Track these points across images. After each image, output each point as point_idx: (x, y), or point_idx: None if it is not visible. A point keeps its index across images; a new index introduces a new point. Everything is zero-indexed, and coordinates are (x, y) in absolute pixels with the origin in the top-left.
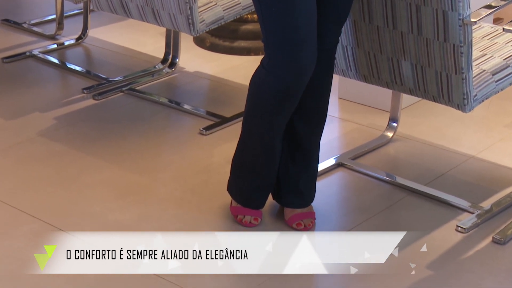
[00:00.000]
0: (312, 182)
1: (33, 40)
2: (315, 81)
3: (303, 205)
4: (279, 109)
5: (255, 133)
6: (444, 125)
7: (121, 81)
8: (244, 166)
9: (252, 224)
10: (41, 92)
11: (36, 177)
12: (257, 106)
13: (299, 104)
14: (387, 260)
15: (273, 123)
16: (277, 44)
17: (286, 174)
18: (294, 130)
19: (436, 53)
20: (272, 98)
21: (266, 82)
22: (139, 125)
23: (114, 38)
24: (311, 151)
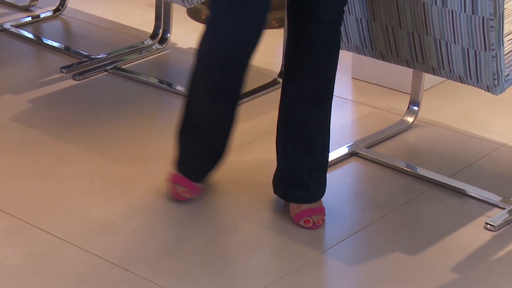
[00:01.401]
0: (320, 174)
1: (4, 12)
2: (314, 58)
3: (310, 200)
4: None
5: (195, 94)
6: (472, 109)
7: (104, 59)
8: (186, 126)
9: (181, 197)
10: (13, 71)
11: (8, 167)
12: (197, 64)
13: (297, 84)
14: (407, 261)
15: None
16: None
17: (287, 163)
18: (293, 114)
19: (462, 27)
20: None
21: (204, 38)
22: (126, 109)
23: (96, 10)
24: (314, 136)
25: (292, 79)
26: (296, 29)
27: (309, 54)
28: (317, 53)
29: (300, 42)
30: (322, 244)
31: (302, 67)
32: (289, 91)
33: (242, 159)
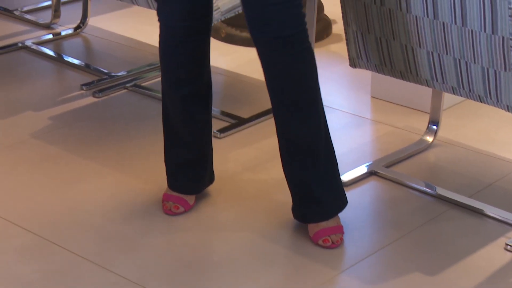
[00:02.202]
0: (331, 185)
1: (26, 29)
2: (281, 72)
3: (325, 216)
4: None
5: (166, 94)
6: (492, 129)
7: (124, 76)
8: (165, 135)
9: (171, 212)
10: (34, 88)
11: (28, 183)
12: (161, 63)
13: (278, 96)
14: (426, 281)
15: (173, 75)
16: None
17: (295, 180)
18: (285, 127)
19: (482, 47)
20: (166, 44)
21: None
22: (145, 126)
23: (117, 28)
24: (313, 145)
25: (272, 92)
26: (257, 46)
27: (274, 69)
28: (282, 67)
29: (262, 58)
30: (341, 263)
31: (275, 80)
32: (274, 105)
33: (259, 177)
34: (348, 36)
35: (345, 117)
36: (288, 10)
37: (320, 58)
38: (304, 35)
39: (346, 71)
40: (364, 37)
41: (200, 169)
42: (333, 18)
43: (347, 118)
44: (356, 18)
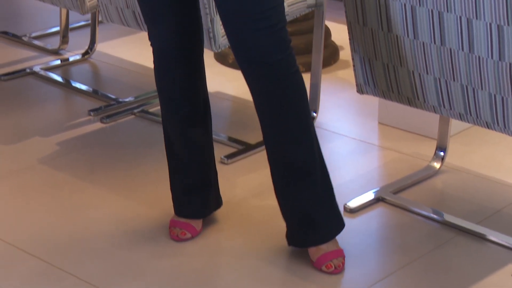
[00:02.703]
0: (329, 207)
1: (34, 55)
2: (270, 100)
3: (324, 239)
4: (168, 79)
5: (164, 118)
6: (499, 155)
7: (132, 102)
8: (168, 160)
9: (178, 238)
10: (42, 114)
11: (35, 209)
12: (157, 87)
13: (268, 124)
14: None
15: (169, 97)
16: (141, 8)
17: (291, 205)
18: (279, 153)
19: (490, 73)
20: (159, 66)
21: (153, 53)
22: (153, 152)
23: (125, 54)
24: (306, 171)
25: (262, 118)
26: (243, 73)
27: (263, 96)
28: (270, 94)
29: (250, 85)
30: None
31: (264, 107)
32: (265, 130)
33: (267, 203)
34: (355, 62)
35: (352, 143)
36: (273, 36)
37: (327, 84)
38: (291, 59)
39: (354, 97)
40: (372, 63)
41: (205, 193)
42: (341, 44)
43: (354, 144)
44: (363, 44)
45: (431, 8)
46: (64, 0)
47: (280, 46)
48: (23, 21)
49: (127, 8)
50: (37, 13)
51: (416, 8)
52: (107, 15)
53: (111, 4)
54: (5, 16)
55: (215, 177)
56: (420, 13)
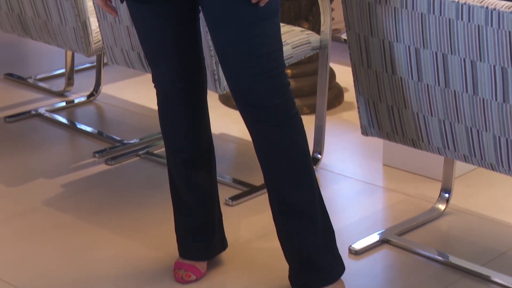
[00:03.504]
0: (330, 249)
1: (40, 97)
2: (270, 143)
3: (326, 281)
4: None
5: (169, 160)
6: (504, 196)
7: (137, 144)
8: (173, 202)
9: (183, 280)
10: (47, 156)
11: (39, 251)
12: (161, 130)
13: (268, 164)
14: None
15: (173, 139)
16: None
17: (293, 248)
18: (280, 196)
19: (494, 115)
20: (162, 108)
21: (156, 95)
22: (157, 194)
23: (130, 95)
24: (307, 213)
25: (263, 161)
26: (243, 117)
27: (263, 139)
28: (270, 137)
29: (250, 129)
30: None
31: (265, 150)
32: (266, 173)
33: (271, 245)
34: (360, 104)
35: (357, 185)
36: (271, 80)
37: (332, 126)
38: (290, 103)
39: (358, 139)
40: (376, 105)
41: (209, 235)
42: (345, 86)
43: (359, 186)
44: (367, 86)
45: (435, 50)
46: (69, 42)
47: (278, 90)
48: (29, 63)
49: (132, 50)
50: (43, 55)
51: (420, 51)
52: (113, 57)
53: (117, 46)
54: (10, 58)
55: (220, 219)
56: (424, 55)
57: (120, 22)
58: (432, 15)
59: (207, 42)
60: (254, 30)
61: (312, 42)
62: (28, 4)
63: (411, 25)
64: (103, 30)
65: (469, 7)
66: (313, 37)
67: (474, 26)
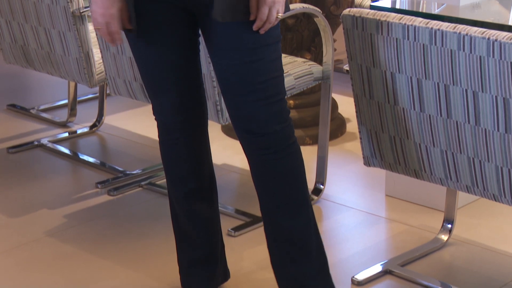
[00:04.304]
0: (325, 278)
1: (42, 128)
2: (267, 171)
3: None
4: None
5: (170, 192)
6: (507, 227)
7: (139, 175)
8: (174, 232)
9: None
10: (50, 186)
11: (42, 282)
12: (162, 162)
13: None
14: None
15: (174, 172)
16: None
17: (288, 278)
18: (276, 226)
19: (496, 145)
20: (163, 140)
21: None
22: (160, 224)
23: (132, 126)
24: (303, 243)
25: (260, 190)
26: (242, 144)
27: (261, 167)
28: (268, 165)
29: (248, 156)
30: None
31: (262, 178)
32: (263, 202)
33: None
34: (362, 135)
35: (360, 216)
36: (271, 107)
37: (335, 157)
38: (290, 130)
39: (361, 169)
40: (378, 135)
41: (212, 266)
42: (347, 117)
43: (362, 216)
44: (370, 117)
45: (437, 81)
46: (72, 73)
47: (279, 117)
48: (32, 93)
49: (135, 81)
50: (46, 86)
51: (422, 81)
52: (115, 88)
53: (119, 77)
54: (13, 89)
55: (222, 250)
56: (426, 86)
57: (123, 53)
58: (434, 46)
59: (210, 73)
60: (256, 56)
61: (315, 73)
62: (32, 36)
63: (413, 56)
64: (106, 61)
65: (470, 38)
66: (316, 68)
67: (476, 57)
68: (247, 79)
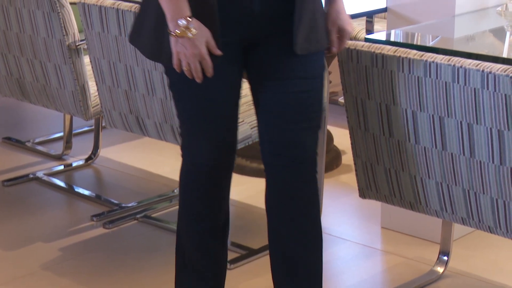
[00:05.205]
0: None
1: (38, 160)
2: (289, 198)
3: None
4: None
5: (183, 228)
6: (503, 259)
7: (135, 207)
8: (178, 271)
9: None
10: (45, 219)
11: None
12: (181, 198)
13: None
14: None
15: (194, 210)
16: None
17: None
18: (287, 251)
19: (491, 177)
20: (189, 179)
21: (184, 166)
22: (156, 257)
23: (128, 159)
24: (313, 272)
25: (277, 217)
26: (268, 169)
27: (284, 193)
28: (292, 192)
29: (272, 181)
30: None
31: (282, 205)
32: (276, 227)
33: None
34: (357, 167)
35: (355, 248)
36: (316, 134)
37: (330, 189)
38: (316, 159)
39: (356, 201)
40: (374, 168)
41: None
42: (343, 149)
43: (357, 248)
44: (365, 149)
45: (432, 113)
46: (68, 106)
47: (314, 144)
48: (27, 126)
49: (131, 113)
50: (41, 119)
51: (417, 114)
52: (111, 120)
53: (115, 110)
54: (9, 121)
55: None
56: (421, 118)
57: (119, 85)
58: (429, 78)
59: None
60: (315, 84)
61: None
62: (27, 69)
63: (408, 88)
64: (102, 93)
65: (465, 70)
66: None
67: (470, 89)
68: (304, 107)
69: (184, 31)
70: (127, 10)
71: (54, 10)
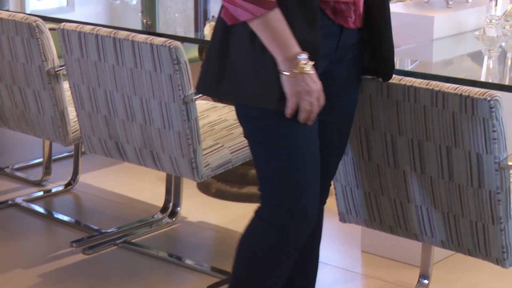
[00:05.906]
0: None
1: (17, 186)
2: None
3: None
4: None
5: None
6: (483, 281)
7: (114, 233)
8: None
9: None
10: (24, 246)
11: None
12: (255, 268)
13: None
14: None
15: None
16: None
17: None
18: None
19: (470, 200)
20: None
21: (266, 234)
22: (136, 283)
23: (108, 184)
24: None
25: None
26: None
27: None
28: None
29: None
30: None
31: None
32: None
33: None
34: (337, 191)
35: (336, 272)
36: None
37: None
38: None
39: (336, 225)
40: (353, 192)
41: None
42: None
43: (338, 273)
44: (344, 173)
45: (411, 137)
46: (47, 132)
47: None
48: (6, 153)
49: (110, 139)
50: (20, 144)
51: (396, 137)
52: (90, 146)
53: (94, 135)
54: None
55: None
56: (400, 142)
57: (98, 111)
58: (407, 102)
59: (185, 131)
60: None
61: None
62: (6, 95)
63: (387, 112)
64: (81, 119)
65: (443, 94)
66: None
67: (448, 113)
68: (347, 138)
69: (302, 68)
70: (106, 36)
71: (33, 36)
